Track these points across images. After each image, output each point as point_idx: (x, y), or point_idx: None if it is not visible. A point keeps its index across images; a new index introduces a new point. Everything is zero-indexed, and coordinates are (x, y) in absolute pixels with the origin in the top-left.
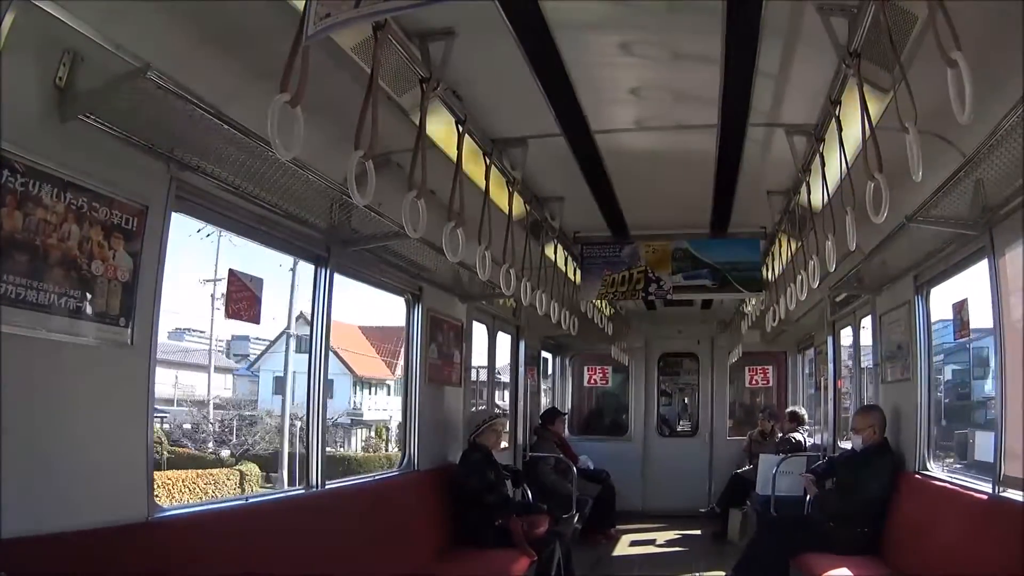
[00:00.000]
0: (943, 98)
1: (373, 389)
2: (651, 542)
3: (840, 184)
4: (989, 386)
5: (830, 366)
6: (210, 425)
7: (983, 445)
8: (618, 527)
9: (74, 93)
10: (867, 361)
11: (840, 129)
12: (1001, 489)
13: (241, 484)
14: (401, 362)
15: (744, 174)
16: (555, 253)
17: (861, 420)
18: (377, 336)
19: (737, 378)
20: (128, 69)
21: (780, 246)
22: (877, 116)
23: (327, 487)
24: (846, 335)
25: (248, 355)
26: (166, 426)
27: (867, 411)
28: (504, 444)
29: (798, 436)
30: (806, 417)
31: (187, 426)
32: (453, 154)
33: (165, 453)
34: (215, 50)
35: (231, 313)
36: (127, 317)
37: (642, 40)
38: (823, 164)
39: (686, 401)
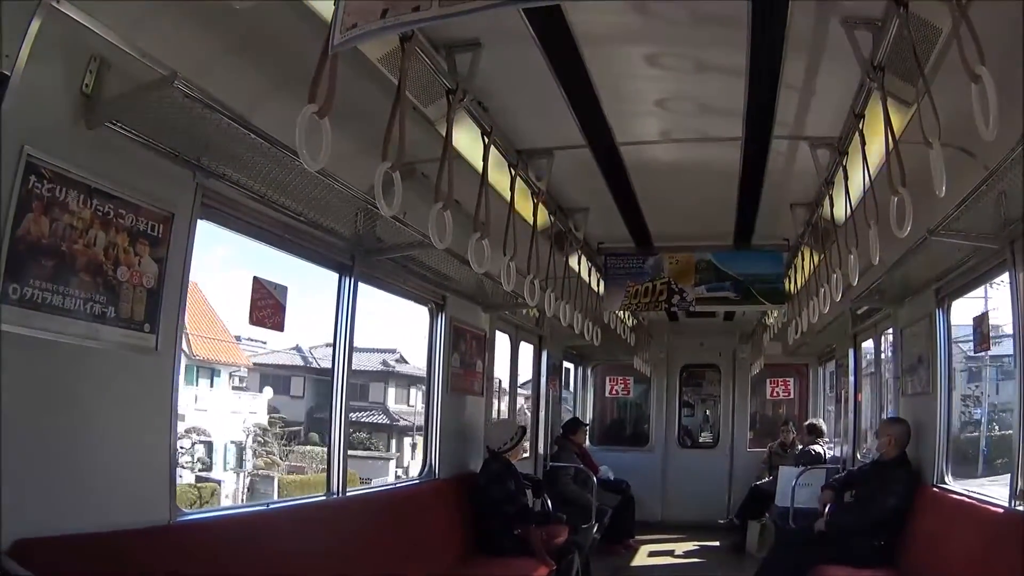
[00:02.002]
0: (966, 110)
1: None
2: (670, 553)
3: (863, 197)
4: None
5: (851, 378)
6: None
7: None
8: (637, 537)
9: (101, 100)
10: (888, 374)
11: (864, 142)
12: (1018, 503)
13: None
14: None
15: (768, 186)
16: (579, 264)
17: (882, 429)
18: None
19: (758, 390)
20: (155, 77)
21: (803, 259)
22: (900, 129)
23: (348, 494)
24: (868, 348)
25: None
26: None
27: (890, 422)
28: (525, 454)
29: (817, 448)
30: (825, 429)
31: None
32: (479, 165)
33: None
34: (241, 58)
35: (255, 320)
36: (152, 323)
37: (667, 52)
38: (846, 177)
39: (707, 413)
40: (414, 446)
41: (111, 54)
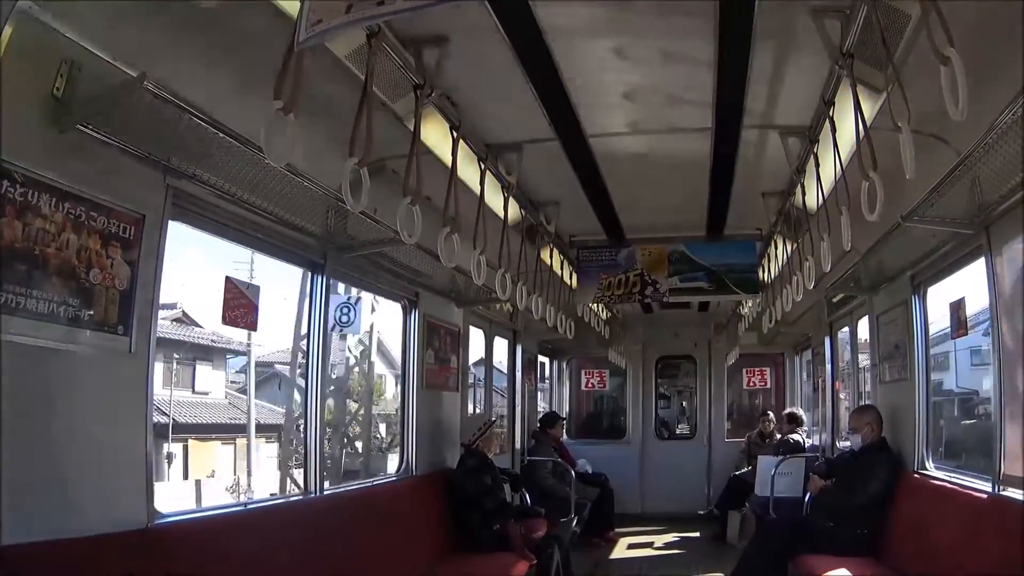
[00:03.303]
0: (937, 97)
1: None
2: (650, 545)
3: (835, 185)
4: None
5: (828, 367)
6: None
7: None
8: (616, 530)
9: (72, 103)
10: (865, 361)
11: (834, 130)
12: (1000, 488)
13: None
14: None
15: (739, 176)
16: (551, 257)
17: (858, 419)
18: None
19: (735, 380)
20: (125, 79)
21: (776, 247)
22: (871, 116)
23: (326, 492)
24: (844, 336)
25: None
26: None
27: (862, 410)
28: (499, 451)
29: (796, 437)
30: (804, 418)
31: None
32: (448, 160)
33: None
34: (211, 59)
35: (228, 320)
36: (125, 325)
37: (635, 44)
38: (817, 165)
39: (684, 404)
40: (170, 457)
41: (82, 57)
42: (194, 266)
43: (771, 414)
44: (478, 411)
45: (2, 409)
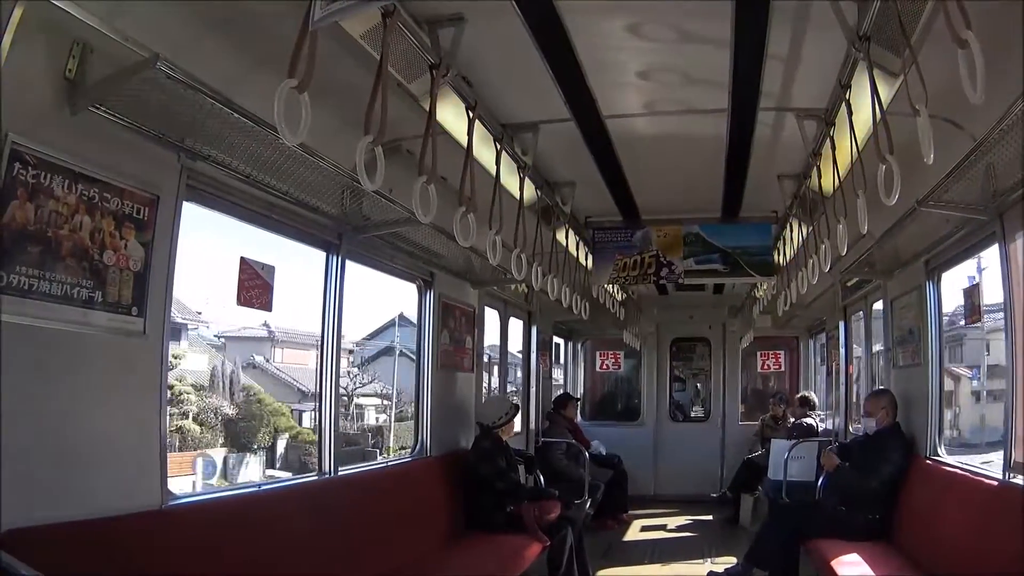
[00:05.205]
0: (953, 82)
1: None
2: (663, 527)
3: (851, 168)
4: None
5: (841, 351)
6: None
7: None
8: (630, 512)
9: (84, 85)
10: (878, 346)
11: (850, 113)
12: (1011, 475)
13: None
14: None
15: (755, 158)
16: (566, 238)
17: (873, 404)
18: None
19: (749, 363)
20: (137, 59)
21: (791, 230)
22: (887, 100)
23: (340, 473)
24: (857, 320)
25: None
26: None
27: (878, 395)
28: (516, 430)
29: (810, 421)
30: (817, 402)
31: None
32: (463, 140)
33: None
34: (223, 38)
35: (243, 301)
36: (139, 307)
37: (652, 23)
38: (833, 148)
39: (698, 386)
40: None
41: (93, 38)
42: None
43: (779, 397)
44: (494, 392)
45: (16, 392)
